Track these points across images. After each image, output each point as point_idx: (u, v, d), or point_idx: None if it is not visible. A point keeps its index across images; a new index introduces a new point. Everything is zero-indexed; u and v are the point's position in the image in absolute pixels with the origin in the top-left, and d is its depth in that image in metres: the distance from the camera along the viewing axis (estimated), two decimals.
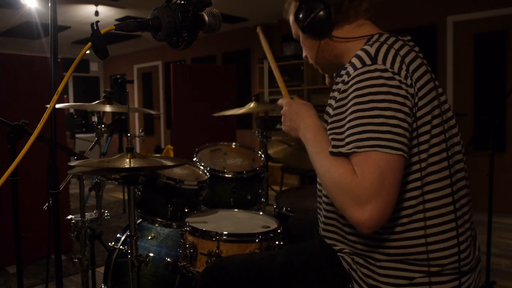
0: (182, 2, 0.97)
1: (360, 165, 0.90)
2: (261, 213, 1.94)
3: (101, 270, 2.73)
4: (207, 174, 2.11)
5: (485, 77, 4.66)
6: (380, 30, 1.12)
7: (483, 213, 2.94)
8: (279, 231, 1.63)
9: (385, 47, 0.99)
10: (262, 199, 2.32)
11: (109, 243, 2.01)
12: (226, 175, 2.18)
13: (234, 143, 2.55)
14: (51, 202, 1.18)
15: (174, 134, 4.87)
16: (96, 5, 5.63)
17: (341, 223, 1.09)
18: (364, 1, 1.11)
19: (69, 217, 1.96)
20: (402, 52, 0.98)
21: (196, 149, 2.39)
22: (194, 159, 2.28)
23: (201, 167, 2.19)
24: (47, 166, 1.16)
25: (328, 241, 1.15)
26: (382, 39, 1.03)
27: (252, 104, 2.43)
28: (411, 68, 0.97)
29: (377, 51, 0.98)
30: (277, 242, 1.62)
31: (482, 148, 4.53)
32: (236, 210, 1.98)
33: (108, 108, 1.97)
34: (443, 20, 4.92)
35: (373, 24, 1.14)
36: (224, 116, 2.67)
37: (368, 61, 0.96)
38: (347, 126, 0.94)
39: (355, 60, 0.99)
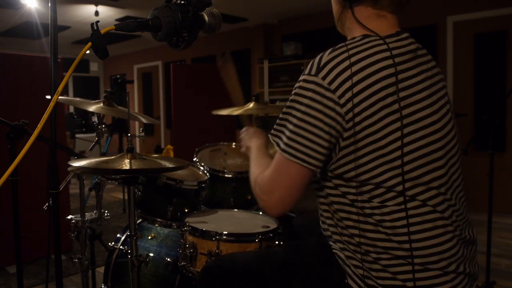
0: (182, 2, 0.97)
1: (273, 160, 1.07)
2: (261, 213, 1.94)
3: (101, 270, 2.73)
4: (207, 174, 2.11)
5: (485, 77, 4.66)
6: (393, 29, 1.07)
7: (483, 213, 2.94)
8: (279, 231, 1.63)
9: (342, 57, 0.99)
10: None
11: (109, 243, 2.01)
12: (226, 175, 2.18)
13: (234, 143, 2.55)
14: (51, 202, 1.18)
15: (174, 134, 4.87)
16: (96, 5, 5.63)
17: (334, 220, 1.09)
18: None
19: (69, 217, 1.96)
20: (357, 67, 0.98)
21: (196, 149, 2.39)
22: (194, 159, 2.28)
23: (201, 167, 2.19)
24: (47, 166, 1.16)
25: (327, 238, 1.16)
26: (353, 45, 1.02)
27: (251, 104, 2.43)
28: (361, 85, 0.96)
29: (329, 61, 0.99)
30: (277, 242, 1.62)
31: (482, 148, 4.54)
32: (236, 210, 1.98)
33: (107, 111, 1.97)
34: (443, 20, 4.92)
35: (395, 19, 1.09)
36: (224, 116, 2.67)
37: (313, 71, 1.00)
38: (278, 120, 1.07)
39: (310, 63, 1.03)
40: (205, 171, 2.15)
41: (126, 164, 1.43)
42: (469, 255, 1.08)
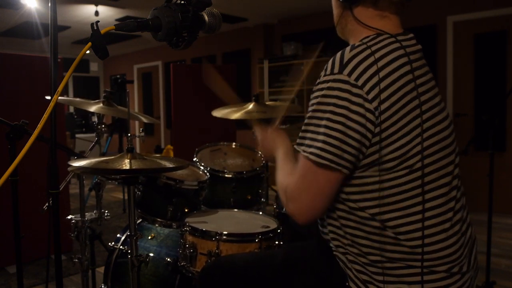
0: (182, 2, 0.97)
1: (298, 167, 1.02)
2: (261, 213, 1.94)
3: (101, 270, 2.72)
4: (207, 174, 2.11)
5: (485, 77, 4.66)
6: (399, 29, 1.07)
7: (483, 213, 2.95)
8: (279, 231, 1.63)
9: (365, 53, 0.98)
10: (262, 199, 2.32)
11: (109, 243, 2.01)
12: (226, 175, 2.18)
13: (234, 143, 2.55)
14: (51, 202, 1.18)
15: (174, 134, 4.87)
16: (96, 5, 5.63)
17: (335, 226, 1.09)
18: None
19: (69, 217, 1.96)
20: (382, 62, 0.97)
21: (196, 149, 2.39)
22: (194, 159, 2.28)
23: (201, 167, 2.19)
24: (47, 166, 1.16)
25: (327, 240, 1.15)
26: (372, 42, 1.01)
27: (251, 105, 2.43)
28: (387, 80, 0.96)
29: (353, 57, 0.97)
30: (277, 242, 1.62)
31: (482, 148, 4.54)
32: (236, 210, 1.98)
33: (107, 111, 1.97)
34: (443, 20, 4.92)
35: (397, 20, 1.08)
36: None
37: (336, 69, 0.98)
38: (302, 127, 1.02)
39: (329, 63, 1.00)
40: (205, 171, 2.15)
41: (126, 164, 1.43)
42: (471, 255, 1.08)
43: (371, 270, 1.02)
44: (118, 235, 2.04)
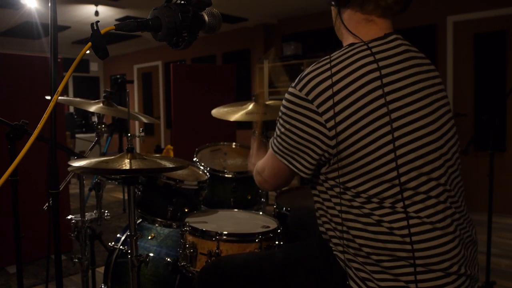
0: (182, 2, 0.97)
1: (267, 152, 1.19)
2: (261, 213, 1.94)
3: (101, 270, 2.73)
4: (207, 174, 2.11)
5: (485, 77, 4.66)
6: (382, 32, 1.05)
7: (483, 213, 2.95)
8: (279, 231, 1.63)
9: (323, 68, 1.01)
10: (262, 199, 2.32)
11: (109, 243, 2.01)
12: (226, 175, 2.18)
13: (234, 143, 2.55)
14: (51, 202, 1.18)
15: (174, 134, 4.87)
16: (96, 5, 5.63)
17: (332, 224, 1.09)
18: None
19: (69, 217, 1.96)
20: (339, 76, 0.98)
21: (196, 149, 2.39)
22: (194, 159, 2.28)
23: (201, 167, 2.19)
24: (47, 166, 1.16)
25: (326, 240, 1.16)
26: (337, 55, 1.03)
27: (251, 105, 2.43)
28: (343, 93, 0.97)
29: (309, 73, 1.01)
30: (277, 242, 1.62)
31: (482, 148, 4.54)
32: (236, 210, 1.98)
33: (107, 111, 1.97)
34: (443, 20, 4.92)
35: (385, 24, 1.06)
36: None
37: (294, 84, 1.04)
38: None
39: (299, 76, 1.05)
40: (205, 171, 2.15)
41: (126, 164, 1.43)
42: (470, 257, 1.07)
43: (369, 269, 1.03)
44: (118, 235, 2.04)
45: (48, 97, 1.89)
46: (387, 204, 0.99)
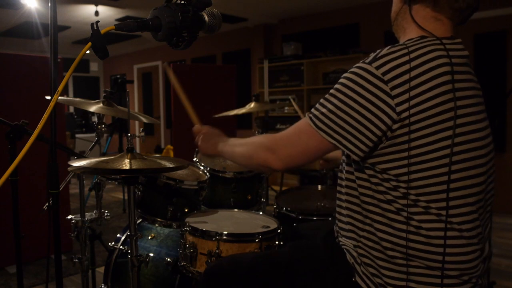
0: (182, 2, 0.97)
1: (296, 124, 1.09)
2: (261, 213, 1.94)
3: (101, 270, 2.73)
4: (207, 174, 2.11)
5: (485, 77, 4.65)
6: (449, 33, 1.07)
7: None
8: (279, 231, 1.63)
9: (401, 52, 0.99)
10: (262, 199, 2.32)
11: (109, 243, 2.01)
12: (226, 175, 2.18)
13: None
14: (51, 202, 1.18)
15: (174, 134, 4.87)
16: (96, 5, 5.63)
17: (356, 226, 1.09)
18: (463, 0, 1.04)
19: (69, 217, 1.95)
20: (416, 62, 0.97)
21: (196, 149, 2.39)
22: (194, 159, 2.28)
23: (201, 167, 2.19)
24: (47, 166, 1.16)
25: (336, 233, 1.16)
26: (413, 43, 1.02)
27: (252, 104, 2.43)
28: (420, 79, 0.96)
29: (388, 54, 0.99)
30: (277, 242, 1.62)
31: None
32: (236, 210, 1.98)
33: (107, 111, 1.97)
34: None
35: (450, 25, 1.08)
36: (224, 116, 2.67)
37: (368, 60, 1.00)
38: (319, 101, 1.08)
39: (374, 54, 1.02)
40: (205, 171, 2.15)
41: (126, 164, 1.43)
42: (485, 269, 1.08)
43: (379, 264, 1.03)
44: (118, 235, 2.04)
45: (48, 97, 1.89)
46: (431, 210, 0.98)
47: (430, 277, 0.99)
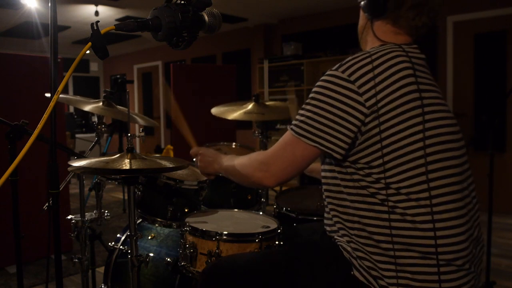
0: (182, 2, 0.97)
1: (280, 139, 1.15)
2: (261, 213, 1.94)
3: (101, 270, 2.73)
4: None
5: (485, 77, 4.66)
6: (407, 41, 1.17)
7: (483, 213, 2.94)
8: (279, 231, 1.63)
9: (364, 56, 1.08)
10: (262, 199, 2.32)
11: (109, 243, 2.01)
12: None
13: (234, 143, 2.55)
14: (51, 202, 1.18)
15: (174, 134, 4.87)
16: (96, 5, 5.63)
17: (346, 225, 1.12)
18: (419, 18, 1.14)
19: (69, 217, 1.96)
20: (378, 62, 1.06)
21: None
22: (194, 159, 2.28)
23: None
24: (47, 166, 1.16)
25: (329, 233, 1.19)
26: (375, 49, 1.10)
27: (251, 105, 2.43)
28: (383, 76, 1.04)
29: (351, 59, 1.08)
30: (277, 242, 1.62)
31: (482, 148, 4.53)
32: (236, 210, 1.98)
33: (105, 112, 1.97)
34: (443, 20, 4.92)
35: (409, 40, 1.17)
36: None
37: (335, 67, 1.09)
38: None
39: (339, 63, 1.10)
40: None
41: (126, 164, 1.43)
42: (478, 255, 1.10)
43: (374, 258, 1.05)
44: (118, 235, 2.04)
45: (47, 94, 1.89)
46: (413, 196, 1.02)
47: (425, 266, 1.02)
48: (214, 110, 2.38)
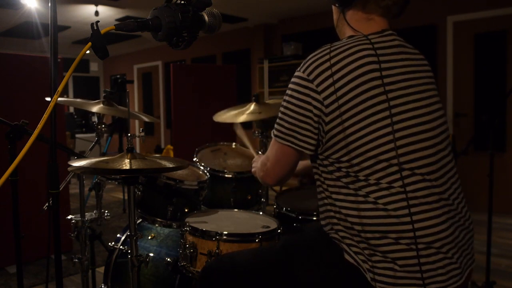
0: (182, 2, 0.97)
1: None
2: (261, 213, 1.94)
3: (101, 270, 2.73)
4: (207, 174, 2.11)
5: (485, 77, 4.66)
6: (380, 28, 1.15)
7: (483, 213, 2.95)
8: (279, 231, 1.63)
9: (323, 53, 1.09)
10: (262, 199, 2.32)
11: (109, 243, 2.01)
12: (226, 175, 2.18)
13: (234, 143, 2.55)
14: (51, 202, 1.18)
15: (174, 134, 4.87)
16: (96, 5, 5.64)
17: (332, 216, 1.15)
18: None
19: (69, 217, 1.96)
20: (337, 58, 1.07)
21: (196, 149, 2.39)
22: (194, 159, 2.28)
23: (201, 167, 2.19)
24: (47, 166, 1.16)
25: (324, 226, 1.21)
26: (338, 43, 1.11)
27: (252, 106, 2.43)
28: (341, 72, 1.06)
29: (310, 58, 1.11)
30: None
31: (482, 148, 4.54)
32: (236, 210, 1.98)
33: (106, 111, 1.97)
34: (443, 20, 4.92)
35: (384, 22, 1.16)
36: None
37: (299, 68, 1.13)
38: None
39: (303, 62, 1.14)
40: (205, 171, 2.15)
41: (126, 164, 1.43)
42: (463, 240, 1.11)
43: (361, 246, 1.08)
44: (118, 235, 2.04)
45: (48, 99, 1.89)
46: (383, 186, 1.05)
47: (405, 251, 1.03)
48: (216, 117, 2.38)
